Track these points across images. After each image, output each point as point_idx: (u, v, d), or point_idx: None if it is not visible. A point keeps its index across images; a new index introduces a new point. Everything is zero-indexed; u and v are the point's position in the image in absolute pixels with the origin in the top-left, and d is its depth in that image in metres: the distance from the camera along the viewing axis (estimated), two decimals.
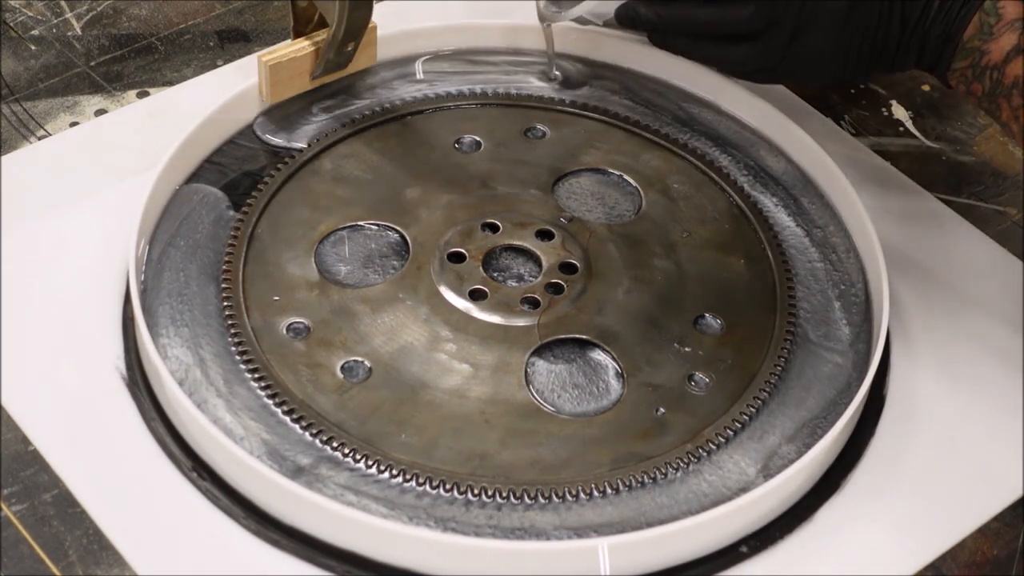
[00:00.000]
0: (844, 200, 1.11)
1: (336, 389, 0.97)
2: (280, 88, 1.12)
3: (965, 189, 1.18)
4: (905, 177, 1.17)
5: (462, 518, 0.90)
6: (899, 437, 0.99)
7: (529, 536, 0.90)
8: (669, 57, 1.18)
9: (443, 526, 0.90)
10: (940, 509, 0.95)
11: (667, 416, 0.97)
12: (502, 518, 0.91)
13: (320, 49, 1.11)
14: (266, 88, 1.12)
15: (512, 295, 1.03)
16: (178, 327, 0.99)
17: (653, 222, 1.10)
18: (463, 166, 1.13)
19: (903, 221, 1.13)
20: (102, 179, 1.10)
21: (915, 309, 1.07)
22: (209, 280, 1.02)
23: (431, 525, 0.90)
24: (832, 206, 1.12)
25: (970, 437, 0.99)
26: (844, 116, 1.23)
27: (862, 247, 1.08)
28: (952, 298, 1.08)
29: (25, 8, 1.26)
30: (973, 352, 1.04)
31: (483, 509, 0.91)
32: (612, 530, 0.91)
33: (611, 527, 0.91)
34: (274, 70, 1.10)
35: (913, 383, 1.02)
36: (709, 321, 1.03)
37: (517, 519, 0.91)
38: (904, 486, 0.96)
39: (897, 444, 0.98)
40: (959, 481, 0.97)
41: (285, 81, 1.12)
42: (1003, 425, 1.00)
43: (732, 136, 1.17)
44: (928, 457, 0.98)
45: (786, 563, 0.92)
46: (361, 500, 0.91)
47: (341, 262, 1.05)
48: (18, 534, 0.89)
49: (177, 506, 0.91)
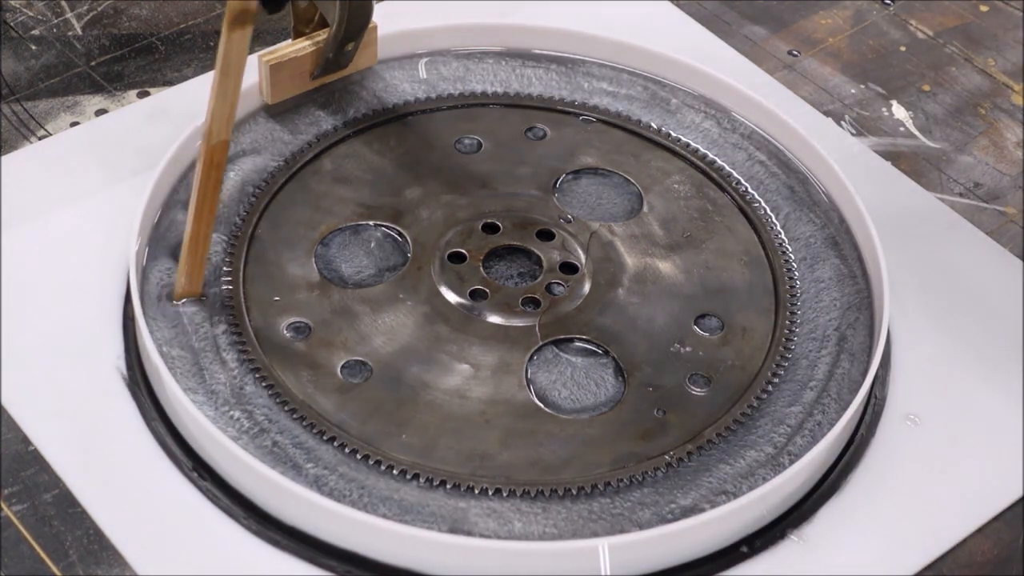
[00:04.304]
0: (844, 200, 1.11)
1: (337, 389, 0.97)
2: (280, 88, 1.12)
3: (965, 189, 1.18)
4: (905, 177, 1.18)
5: (462, 518, 0.90)
6: (899, 437, 0.99)
7: (529, 536, 0.90)
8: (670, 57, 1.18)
9: (443, 526, 0.90)
10: (940, 509, 0.95)
11: (667, 416, 0.97)
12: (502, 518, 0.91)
13: (320, 49, 1.11)
14: (266, 88, 1.12)
15: (512, 295, 1.03)
16: (178, 327, 0.99)
17: (653, 222, 1.10)
18: (463, 166, 1.13)
19: (903, 221, 1.13)
20: (102, 179, 1.10)
21: (915, 309, 1.07)
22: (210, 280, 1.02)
23: (431, 525, 0.90)
24: (832, 206, 1.12)
25: (970, 437, 0.99)
26: (844, 116, 1.23)
27: (862, 247, 1.08)
28: (952, 298, 1.08)
29: (25, 8, 1.26)
30: (973, 352, 1.04)
31: (483, 509, 0.91)
32: (612, 530, 0.91)
33: (611, 527, 0.91)
34: (274, 70, 1.10)
35: (913, 383, 1.02)
36: (709, 321, 1.03)
37: (517, 519, 0.91)
38: (904, 486, 0.96)
39: (897, 444, 0.98)
40: (959, 481, 0.97)
41: (285, 81, 1.12)
42: (1003, 425, 1.00)
43: (732, 136, 1.17)
44: (928, 457, 0.98)
45: (786, 563, 0.92)
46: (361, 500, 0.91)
47: (341, 262, 1.05)
48: (18, 534, 0.89)
49: (177, 506, 0.91)
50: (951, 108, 1.25)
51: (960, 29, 1.33)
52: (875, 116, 1.23)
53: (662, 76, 1.20)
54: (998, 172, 1.20)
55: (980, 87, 1.27)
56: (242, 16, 0.90)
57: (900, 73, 1.28)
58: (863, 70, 1.28)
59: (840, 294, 1.06)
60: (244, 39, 0.91)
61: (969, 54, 1.31)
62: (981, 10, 1.36)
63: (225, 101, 0.94)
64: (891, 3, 1.36)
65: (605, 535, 0.90)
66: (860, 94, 1.26)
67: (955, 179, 1.18)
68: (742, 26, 1.31)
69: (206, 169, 0.96)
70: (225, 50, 0.91)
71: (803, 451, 0.95)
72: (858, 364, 1.01)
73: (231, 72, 0.93)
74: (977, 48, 1.31)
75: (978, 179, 1.19)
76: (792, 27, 1.32)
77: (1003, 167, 1.20)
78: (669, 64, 1.19)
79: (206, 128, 0.94)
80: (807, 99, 1.24)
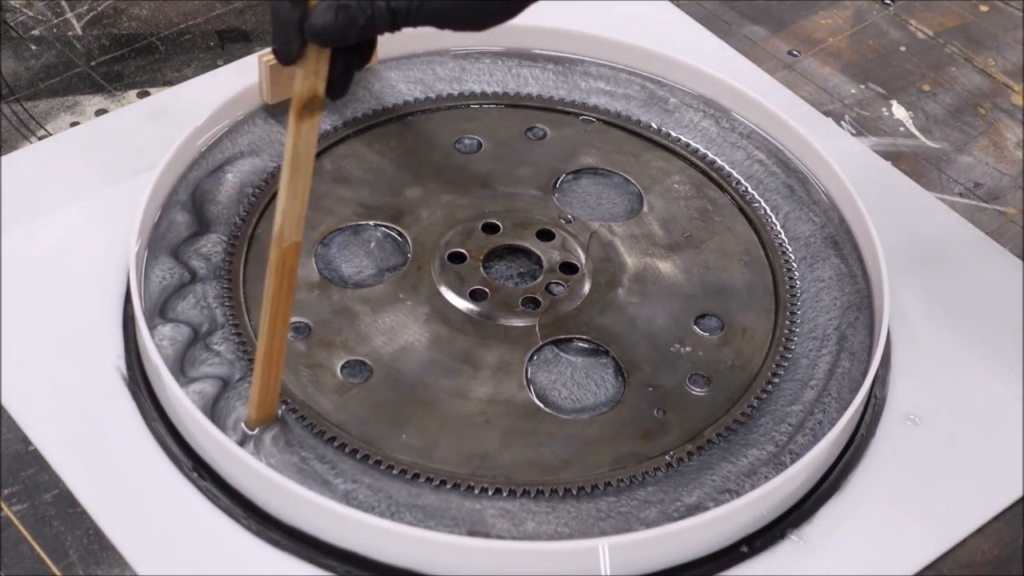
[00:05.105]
0: (844, 200, 1.11)
1: (337, 389, 0.97)
2: (280, 88, 1.12)
3: (965, 189, 1.18)
4: (905, 177, 1.18)
5: (462, 518, 0.90)
6: (899, 437, 0.99)
7: (529, 536, 0.90)
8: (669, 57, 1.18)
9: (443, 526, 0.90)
10: (940, 509, 0.95)
11: (667, 416, 0.97)
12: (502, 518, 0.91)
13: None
14: (266, 88, 1.12)
15: (512, 295, 1.03)
16: (179, 327, 0.99)
17: (653, 222, 1.10)
18: (463, 166, 1.13)
19: (903, 221, 1.13)
20: (102, 179, 1.10)
21: (915, 309, 1.07)
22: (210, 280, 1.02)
23: (431, 525, 0.90)
24: (832, 206, 1.12)
25: (970, 437, 0.99)
26: (844, 116, 1.23)
27: (862, 247, 1.08)
28: (952, 298, 1.08)
29: (25, 8, 1.26)
30: (973, 352, 1.04)
31: (483, 509, 0.91)
32: (612, 530, 0.91)
33: (611, 527, 0.91)
34: (274, 70, 1.10)
35: (913, 383, 1.02)
36: (709, 321, 1.03)
37: (517, 519, 0.91)
38: (904, 486, 0.96)
39: (897, 444, 0.98)
40: (959, 481, 0.97)
41: (285, 81, 1.12)
42: (1003, 425, 1.00)
43: (731, 135, 1.17)
44: (928, 457, 0.98)
45: (786, 563, 0.92)
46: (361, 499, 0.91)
47: (342, 262, 1.05)
48: (18, 534, 0.89)
49: (177, 506, 0.91)
50: (951, 108, 1.25)
51: (960, 29, 1.33)
52: (875, 116, 1.23)
53: (661, 76, 1.20)
54: (998, 172, 1.20)
55: (980, 87, 1.27)
56: (311, 104, 0.82)
57: (900, 73, 1.28)
58: (863, 70, 1.28)
59: (840, 293, 1.06)
60: (313, 129, 0.83)
61: (969, 54, 1.31)
62: (981, 10, 1.36)
63: (296, 199, 0.85)
64: (891, 3, 1.35)
65: (605, 535, 0.90)
66: (860, 94, 1.26)
67: (955, 179, 1.18)
68: (742, 26, 1.30)
69: (278, 276, 0.86)
70: (294, 143, 0.83)
71: (804, 449, 0.95)
72: (858, 363, 1.01)
73: (301, 167, 0.84)
74: (977, 48, 1.31)
75: (978, 179, 1.19)
76: (792, 27, 1.32)
77: (1003, 167, 1.20)
78: (668, 64, 1.19)
79: (276, 230, 0.85)
80: (807, 99, 1.24)
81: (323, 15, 0.80)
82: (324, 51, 0.82)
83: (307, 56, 0.81)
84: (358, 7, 0.82)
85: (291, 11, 0.80)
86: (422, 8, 0.84)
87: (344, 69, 0.86)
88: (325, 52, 0.82)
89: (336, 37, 0.81)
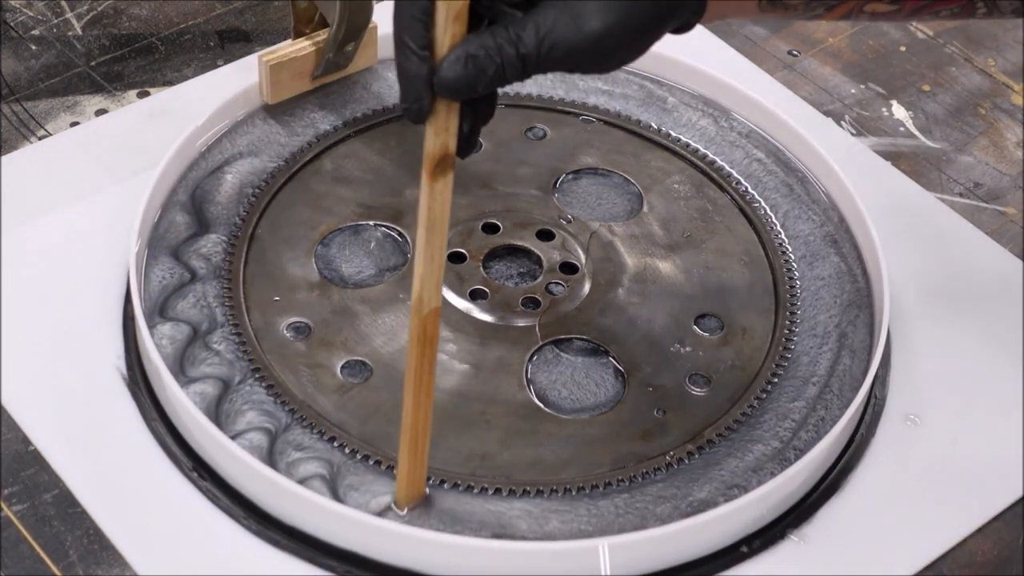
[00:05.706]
0: (844, 200, 1.11)
1: (337, 389, 0.97)
2: (280, 88, 1.12)
3: (965, 189, 1.18)
4: (905, 177, 1.17)
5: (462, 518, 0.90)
6: (899, 437, 0.99)
7: (529, 536, 0.90)
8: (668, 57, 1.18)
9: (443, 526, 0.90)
10: (940, 509, 0.95)
11: (667, 416, 0.97)
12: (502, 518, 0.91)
13: (320, 49, 1.11)
14: (266, 88, 1.12)
15: (512, 295, 1.03)
16: (178, 325, 0.99)
17: (653, 222, 1.10)
18: (463, 166, 1.12)
19: (903, 221, 1.13)
20: (102, 179, 1.10)
21: (915, 309, 1.07)
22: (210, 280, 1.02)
23: (431, 525, 0.90)
24: (832, 206, 1.12)
25: (970, 437, 0.99)
26: (844, 116, 1.23)
27: (862, 247, 1.08)
28: (952, 298, 1.08)
29: (25, 8, 1.26)
30: (973, 352, 1.04)
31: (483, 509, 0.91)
32: (612, 530, 0.91)
33: (611, 527, 0.91)
34: (274, 70, 1.10)
35: (913, 383, 1.02)
36: (709, 321, 1.03)
37: (517, 519, 0.91)
38: (904, 486, 0.96)
39: (897, 444, 0.98)
40: (959, 481, 0.97)
41: (285, 81, 1.12)
42: (1003, 425, 1.00)
43: (730, 135, 1.17)
44: (928, 457, 0.98)
45: (786, 563, 0.92)
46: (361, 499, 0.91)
47: (342, 262, 1.05)
48: (18, 534, 0.89)
49: (177, 506, 0.91)
50: (951, 108, 1.25)
51: (960, 29, 1.33)
52: (875, 116, 1.23)
53: (661, 76, 1.20)
54: (998, 172, 1.20)
55: (980, 87, 1.27)
56: (443, 163, 0.79)
57: (900, 73, 1.28)
58: (863, 70, 1.28)
59: (840, 291, 1.06)
60: (447, 188, 0.80)
61: (969, 54, 1.31)
62: None
63: (433, 262, 0.81)
64: None
65: (605, 535, 0.90)
66: (860, 94, 1.26)
67: (955, 179, 1.18)
68: (742, 26, 1.30)
69: (419, 346, 0.82)
70: (428, 204, 0.80)
71: (809, 445, 0.95)
72: (859, 361, 1.01)
73: (436, 229, 0.81)
74: (977, 48, 1.31)
75: (978, 179, 1.19)
76: (792, 27, 1.32)
77: (1003, 167, 1.20)
78: (668, 64, 1.19)
79: (415, 297, 0.81)
80: (807, 99, 1.24)
81: (453, 67, 0.76)
82: (453, 105, 0.78)
83: (436, 112, 0.78)
84: (487, 56, 0.77)
85: (420, 66, 0.76)
86: (552, 53, 0.79)
87: (472, 124, 0.83)
88: (455, 106, 0.78)
89: (467, 89, 0.77)
